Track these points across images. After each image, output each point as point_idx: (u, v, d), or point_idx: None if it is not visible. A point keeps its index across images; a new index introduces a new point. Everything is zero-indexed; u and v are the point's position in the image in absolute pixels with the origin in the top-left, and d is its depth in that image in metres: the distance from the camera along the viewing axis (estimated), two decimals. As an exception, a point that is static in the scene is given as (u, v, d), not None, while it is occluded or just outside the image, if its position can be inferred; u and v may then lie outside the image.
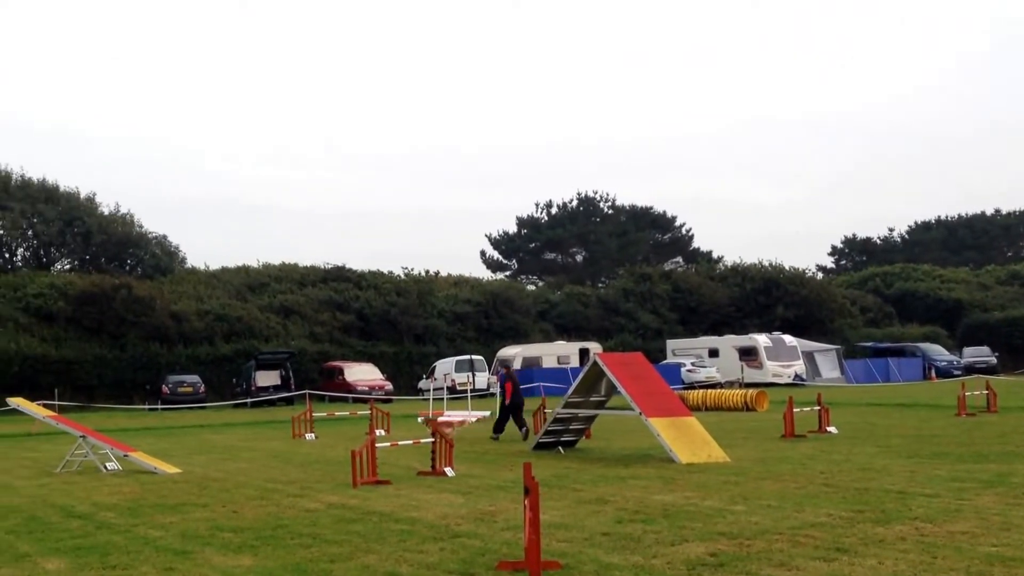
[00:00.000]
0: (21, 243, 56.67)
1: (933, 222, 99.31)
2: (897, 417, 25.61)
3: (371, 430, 16.74)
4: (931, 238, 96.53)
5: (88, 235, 56.15)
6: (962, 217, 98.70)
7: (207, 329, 47.10)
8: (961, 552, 8.31)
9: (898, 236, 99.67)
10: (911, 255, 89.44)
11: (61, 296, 44.99)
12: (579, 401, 18.22)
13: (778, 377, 46.90)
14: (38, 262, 55.80)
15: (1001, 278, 74.96)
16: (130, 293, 45.09)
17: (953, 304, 68.07)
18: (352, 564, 8.46)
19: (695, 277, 65.14)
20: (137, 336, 44.71)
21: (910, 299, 69.40)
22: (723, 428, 21.36)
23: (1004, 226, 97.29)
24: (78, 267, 55.11)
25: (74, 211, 56.32)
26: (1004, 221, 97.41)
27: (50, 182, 57.36)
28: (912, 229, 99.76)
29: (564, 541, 9.18)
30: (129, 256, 58.74)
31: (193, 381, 41.94)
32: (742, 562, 8.13)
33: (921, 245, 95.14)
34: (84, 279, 46.99)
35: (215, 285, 53.21)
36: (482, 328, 54.93)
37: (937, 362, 54.54)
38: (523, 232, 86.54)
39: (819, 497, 11.57)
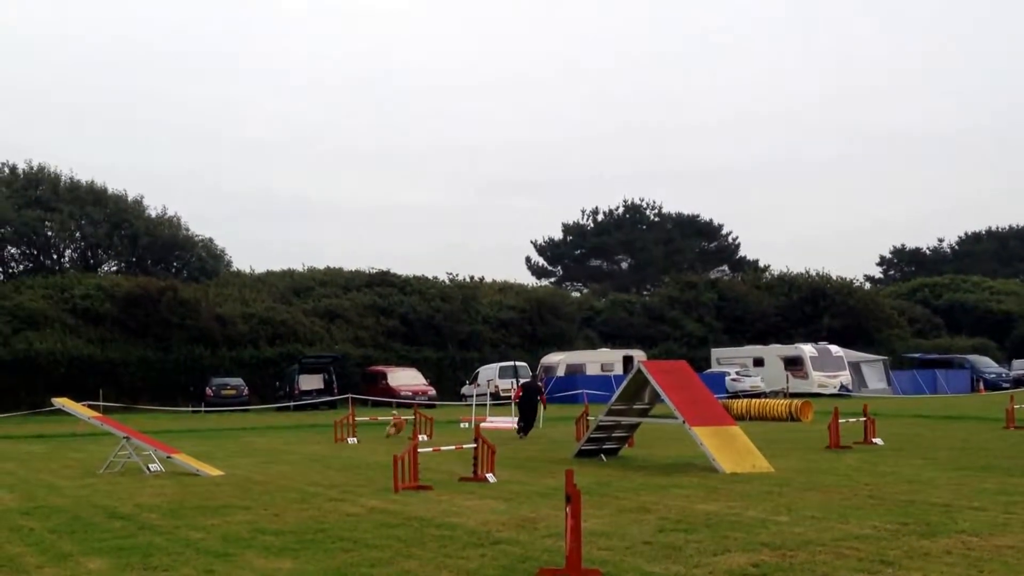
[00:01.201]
0: (69, 245, 57.63)
1: (983, 233, 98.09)
2: (944, 429, 25.24)
3: (414, 435, 16.79)
4: (981, 249, 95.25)
5: (135, 237, 56.97)
6: (1013, 228, 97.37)
7: (251, 332, 47.54)
8: (1008, 567, 8.17)
9: (947, 247, 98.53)
10: (961, 266, 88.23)
11: (107, 298, 45.66)
12: (622, 408, 18.14)
13: (824, 387, 46.42)
14: (85, 264, 56.70)
15: (1051, 290, 73.78)
16: (175, 295, 45.66)
17: (1003, 316, 67.13)
18: (392, 569, 8.48)
19: (741, 286, 64.74)
20: (182, 338, 45.24)
21: (959, 310, 68.49)
22: (767, 438, 21.15)
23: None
24: (125, 269, 55.92)
25: (122, 213, 57.15)
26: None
27: (98, 184, 58.24)
28: (962, 240, 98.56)
29: (605, 549, 9.14)
30: (175, 259, 59.52)
31: (237, 384, 42.35)
32: (784, 573, 8.07)
33: (971, 256, 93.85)
34: (130, 281, 47.67)
35: (260, 288, 53.71)
36: (526, 334, 54.93)
37: (986, 374, 53.74)
38: (569, 239, 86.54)
39: (864, 509, 11.42)
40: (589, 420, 20.59)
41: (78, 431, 26.89)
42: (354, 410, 26.22)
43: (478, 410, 30.35)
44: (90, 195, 57.03)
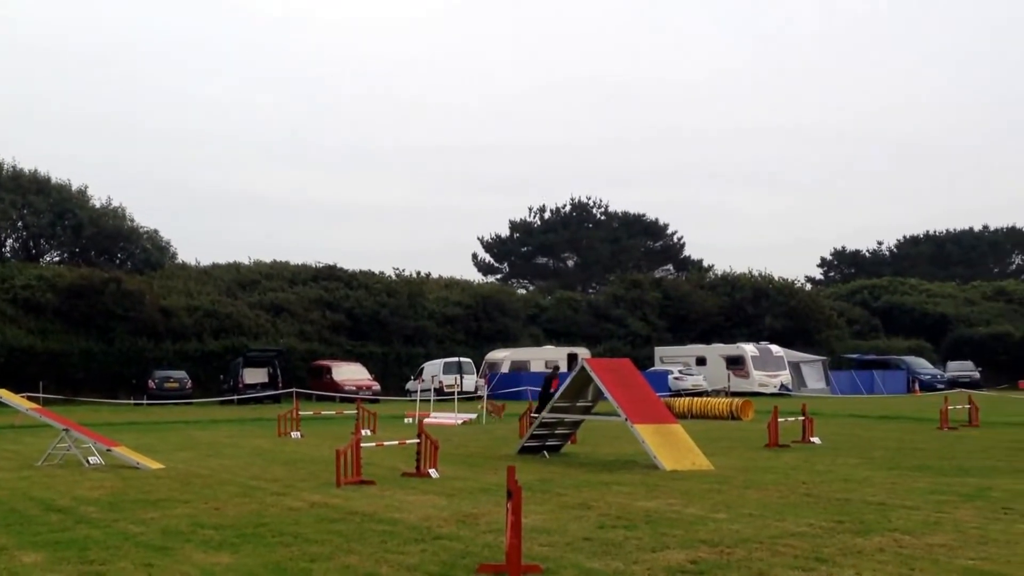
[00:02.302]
0: (11, 234, 56.54)
1: (922, 236, 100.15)
2: (880, 429, 25.74)
3: (357, 430, 16.72)
4: (919, 252, 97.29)
5: (79, 228, 56.04)
6: (950, 232, 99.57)
7: (196, 325, 47.03)
8: (938, 565, 8.36)
9: (887, 249, 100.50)
10: (899, 268, 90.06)
11: (49, 288, 44.86)
12: (566, 406, 18.25)
13: (764, 387, 47.04)
14: (27, 254, 55.65)
15: (987, 294, 75.53)
16: (119, 287, 45.00)
17: (939, 318, 68.54)
18: (332, 564, 8.46)
19: (685, 285, 65.36)
20: (125, 330, 44.61)
21: (897, 312, 69.85)
22: (708, 436, 21.41)
23: (991, 242, 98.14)
24: (68, 260, 55.01)
25: (65, 203, 56.21)
26: (992, 237, 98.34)
27: (42, 174, 57.24)
28: (901, 243, 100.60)
29: (546, 545, 9.20)
30: (120, 250, 58.66)
31: (180, 377, 41.86)
32: (721, 570, 8.16)
33: (909, 259, 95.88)
34: (73, 272, 46.88)
35: (205, 281, 53.16)
36: (471, 331, 54.97)
37: (921, 375, 54.88)
38: (515, 236, 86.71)
39: (800, 507, 11.62)
40: (533, 417, 20.68)
41: (16, 423, 26.40)
42: (298, 404, 26.04)
43: (422, 406, 30.33)
44: (33, 184, 56.01)
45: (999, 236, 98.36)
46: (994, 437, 22.41)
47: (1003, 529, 10.08)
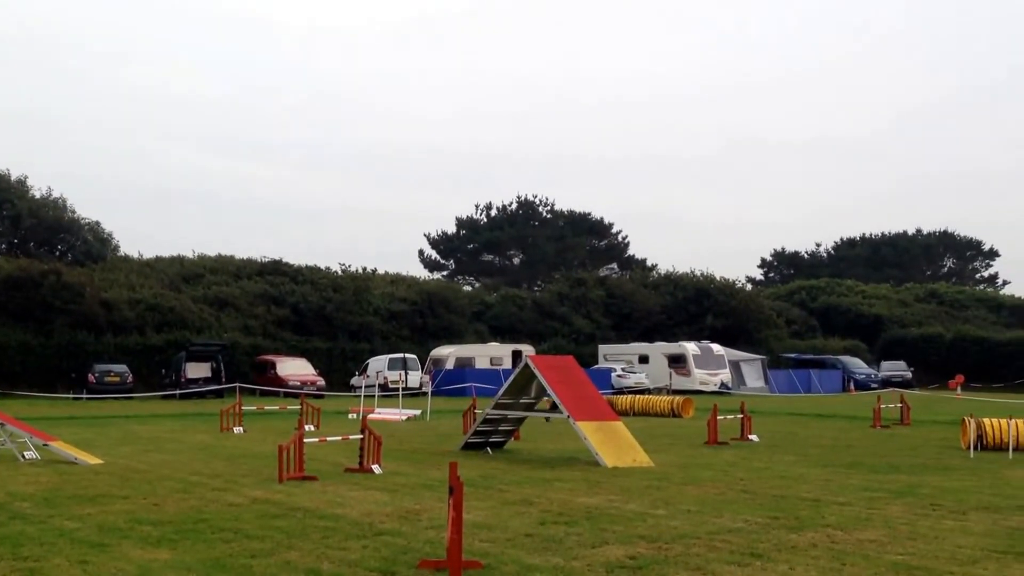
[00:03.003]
0: (-54, 225, 55.33)
1: (858, 239, 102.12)
2: (816, 427, 26.23)
3: (300, 425, 16.65)
4: (855, 255, 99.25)
5: (17, 218, 54.93)
6: (885, 235, 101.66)
7: (138, 318, 46.35)
8: (868, 560, 8.59)
9: (824, 251, 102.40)
10: (836, 270, 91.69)
11: (-14, 280, 43.89)
12: (509, 402, 18.36)
13: (705, 385, 47.56)
14: (-36, 245, 54.48)
15: (919, 296, 77.19)
16: (59, 279, 44.20)
17: (873, 319, 69.83)
18: (273, 560, 8.45)
19: (629, 284, 65.80)
20: (64, 323, 43.82)
21: (833, 313, 71.07)
22: (649, 433, 21.67)
23: (924, 246, 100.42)
24: (6, 251, 53.79)
25: (3, 193, 55.03)
26: (925, 241, 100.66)
27: (-22, 164, 56.00)
28: (838, 245, 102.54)
29: (487, 541, 9.28)
30: (60, 241, 57.60)
31: (121, 371, 41.25)
32: (659, 565, 8.30)
33: (846, 261, 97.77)
34: (11, 263, 45.92)
35: (148, 274, 52.40)
36: (417, 327, 54.85)
37: (856, 375, 55.90)
38: (462, 233, 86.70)
39: (737, 503, 11.84)
40: (476, 413, 20.76)
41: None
42: (241, 399, 25.84)
43: (367, 401, 30.27)
44: (-31, 174, 54.83)
45: (932, 240, 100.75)
46: (924, 435, 22.99)
47: (931, 525, 10.38)
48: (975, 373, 57.57)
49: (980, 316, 73.04)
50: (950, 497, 12.47)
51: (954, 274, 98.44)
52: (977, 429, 18.90)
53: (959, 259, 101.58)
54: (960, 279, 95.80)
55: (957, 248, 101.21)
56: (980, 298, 79.85)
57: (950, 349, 63.79)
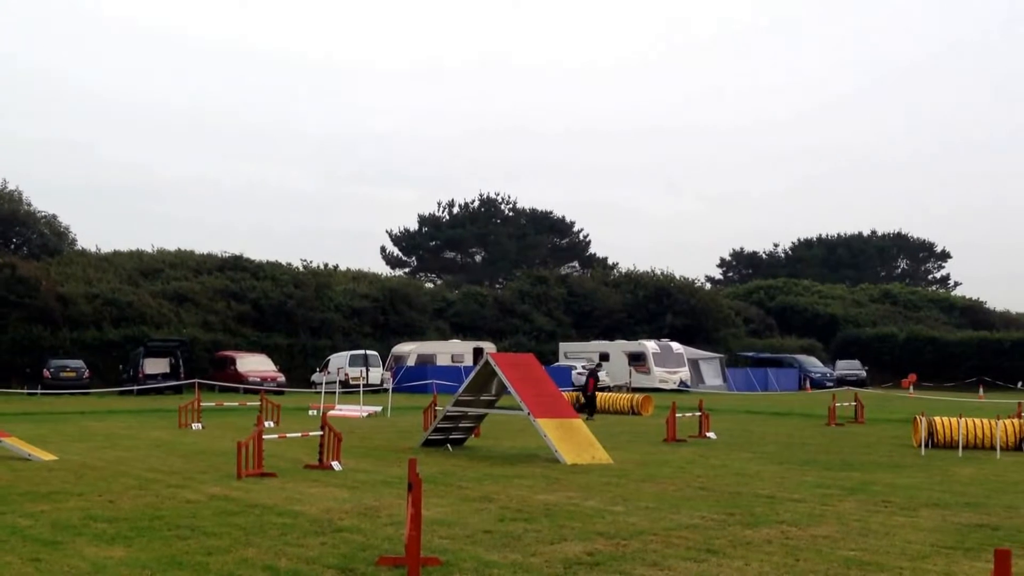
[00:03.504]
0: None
1: (815, 240, 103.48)
2: (772, 425, 26.53)
3: (259, 421, 16.58)
4: (812, 255, 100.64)
5: (-29, 212, 54.14)
6: (841, 236, 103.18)
7: (95, 313, 45.82)
8: (821, 555, 8.73)
9: (782, 252, 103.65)
10: (793, 270, 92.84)
11: (-61, 273, 43.18)
12: (469, 399, 18.39)
13: (664, 383, 47.87)
14: (-85, 238, 53.57)
15: (874, 296, 78.36)
16: (14, 273, 43.59)
17: (829, 319, 70.79)
18: (230, 557, 8.42)
19: (590, 282, 66.04)
20: (19, 318, 43.21)
21: (790, 312, 71.94)
22: (609, 431, 21.80)
23: (879, 247, 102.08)
24: (-42, 244, 53.08)
25: (-43, 186, 54.22)
26: (879, 243, 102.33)
27: (-68, 155, 55.18)
28: (795, 246, 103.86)
29: (446, 538, 9.31)
30: (15, 234, 56.84)
31: (77, 366, 40.75)
32: (617, 562, 8.38)
33: (803, 261, 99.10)
34: (-36, 257, 45.26)
35: (106, 269, 51.80)
36: (378, 324, 54.70)
37: (812, 374, 56.58)
38: (424, 230, 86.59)
39: (694, 500, 11.98)
40: (437, 410, 20.78)
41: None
42: (200, 395, 25.66)
43: (327, 398, 30.17)
44: (-79, 166, 54.00)
45: (886, 241, 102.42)
46: (877, 433, 23.35)
47: (882, 521, 10.57)
48: (927, 372, 58.53)
49: (932, 316, 74.30)
50: (901, 494, 12.70)
51: (907, 275, 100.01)
52: (928, 427, 19.24)
53: (912, 260, 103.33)
54: (913, 280, 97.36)
55: (910, 250, 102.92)
56: (932, 299, 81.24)
57: (903, 349, 64.75)
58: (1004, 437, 18.71)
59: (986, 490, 13.27)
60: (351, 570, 8.00)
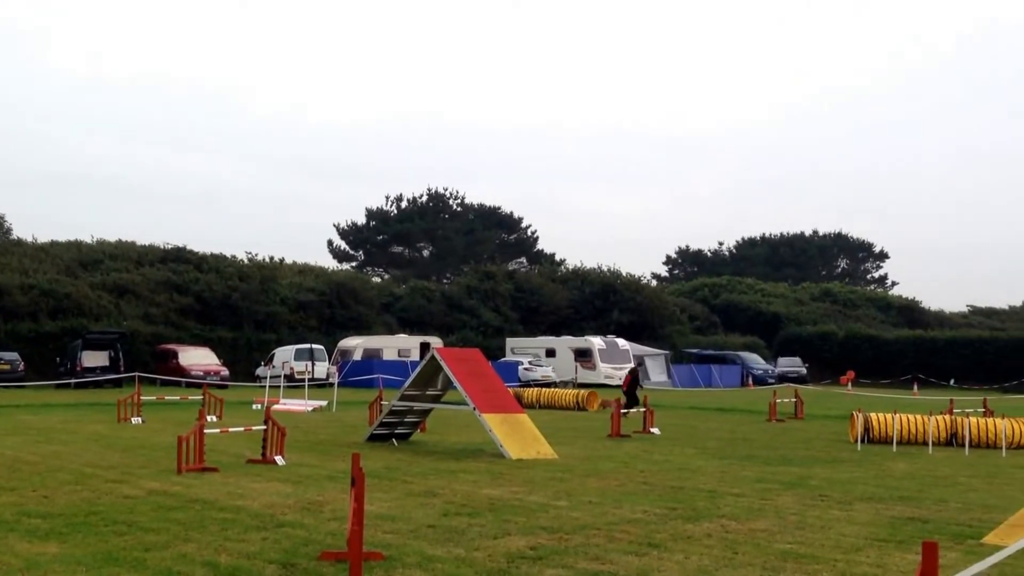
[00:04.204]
0: None
1: (758, 239, 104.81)
2: (715, 421, 26.86)
3: (201, 415, 16.38)
4: (756, 254, 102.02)
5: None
6: (784, 236, 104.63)
7: (31, 304, 44.93)
8: (759, 548, 8.87)
9: (727, 250, 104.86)
10: (737, 268, 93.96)
11: None
12: (415, 394, 18.38)
13: (610, 379, 48.14)
14: None
15: (815, 295, 79.66)
16: (-54, 263, 42.64)
17: (772, 316, 71.85)
18: (168, 553, 8.32)
19: (537, 278, 66.23)
20: (-48, 309, 42.31)
21: (734, 310, 72.89)
22: (554, 426, 21.91)
23: (820, 247, 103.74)
24: None
25: None
26: (820, 242, 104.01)
27: None
28: (739, 244, 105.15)
29: (390, 532, 9.30)
30: (-53, 224, 55.61)
31: (11, 358, 39.90)
32: (559, 555, 8.43)
33: (747, 260, 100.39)
34: None
35: (43, 259, 50.84)
36: (325, 318, 54.39)
37: (754, 370, 57.37)
38: (372, 224, 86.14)
39: (637, 495, 12.09)
40: (383, 405, 20.73)
41: None
42: (140, 389, 25.31)
43: (272, 392, 29.93)
44: None
45: (827, 241, 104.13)
46: (816, 429, 23.77)
47: (819, 515, 10.76)
48: (865, 370, 59.68)
49: (870, 315, 75.73)
50: (837, 488, 12.94)
51: (847, 274, 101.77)
52: (864, 423, 19.62)
53: (852, 260, 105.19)
54: (853, 279, 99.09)
55: (850, 250, 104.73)
56: (871, 298, 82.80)
57: (842, 346, 65.91)
58: (936, 433, 19.14)
59: (918, 484, 13.58)
60: (293, 565, 7.95)
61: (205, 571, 7.74)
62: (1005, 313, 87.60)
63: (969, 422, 19.13)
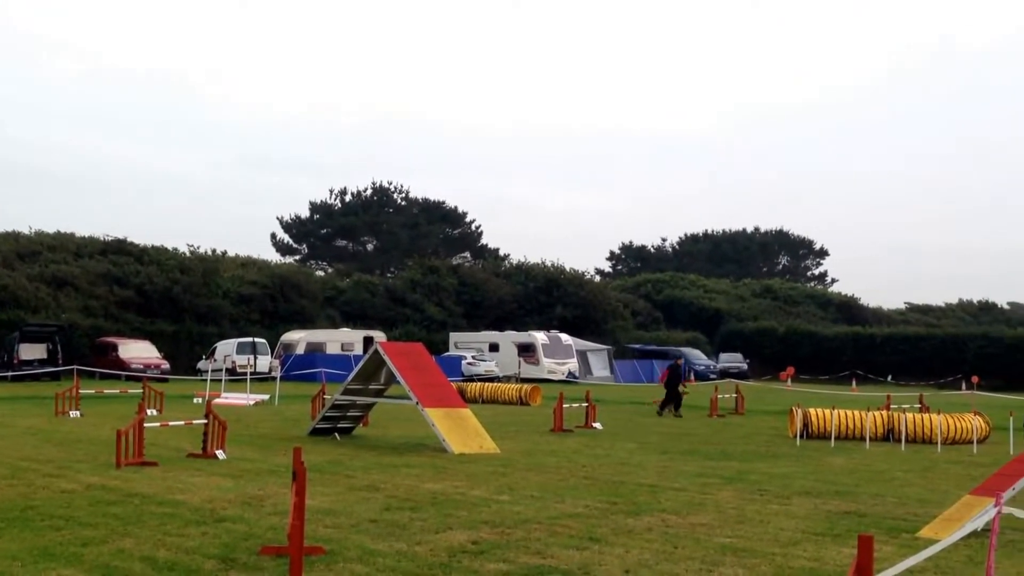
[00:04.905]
0: None
1: (701, 235, 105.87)
2: (657, 416, 27.04)
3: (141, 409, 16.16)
4: (698, 250, 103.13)
5: None
6: (726, 232, 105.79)
7: (-35, 296, 44.01)
8: (699, 542, 8.99)
9: (669, 246, 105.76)
10: (680, 265, 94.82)
11: None
12: (358, 388, 18.32)
13: (553, 374, 48.37)
14: None
15: (756, 291, 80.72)
16: None
17: (713, 312, 72.65)
18: (106, 548, 8.22)
19: (481, 272, 66.28)
20: None
21: (676, 306, 73.58)
22: (497, 421, 21.95)
23: (761, 243, 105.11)
24: None
25: None
26: (762, 239, 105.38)
27: None
28: (682, 240, 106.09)
29: (331, 527, 9.27)
30: None
31: (-55, 352, 39.09)
32: (501, 550, 8.46)
33: (689, 256, 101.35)
34: None
35: (-22, 250, 49.76)
36: (267, 311, 53.96)
37: (696, 366, 57.95)
38: (315, 217, 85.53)
39: (579, 489, 12.17)
40: (326, 399, 20.62)
41: None
42: (79, 382, 24.89)
43: (213, 385, 29.63)
44: None
45: (768, 238, 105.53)
46: (756, 424, 24.11)
47: (758, 509, 10.93)
48: (805, 366, 60.57)
49: (810, 312, 76.92)
50: (776, 483, 13.14)
51: (788, 271, 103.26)
52: (803, 418, 19.94)
53: (792, 257, 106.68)
54: (793, 276, 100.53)
55: (791, 247, 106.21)
56: (810, 295, 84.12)
57: (782, 342, 66.85)
58: (873, 428, 19.50)
59: (855, 479, 13.83)
60: (232, 560, 7.89)
61: (143, 566, 7.65)
62: (941, 310, 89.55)
63: (906, 418, 19.52)
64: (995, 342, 60.19)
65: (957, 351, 60.20)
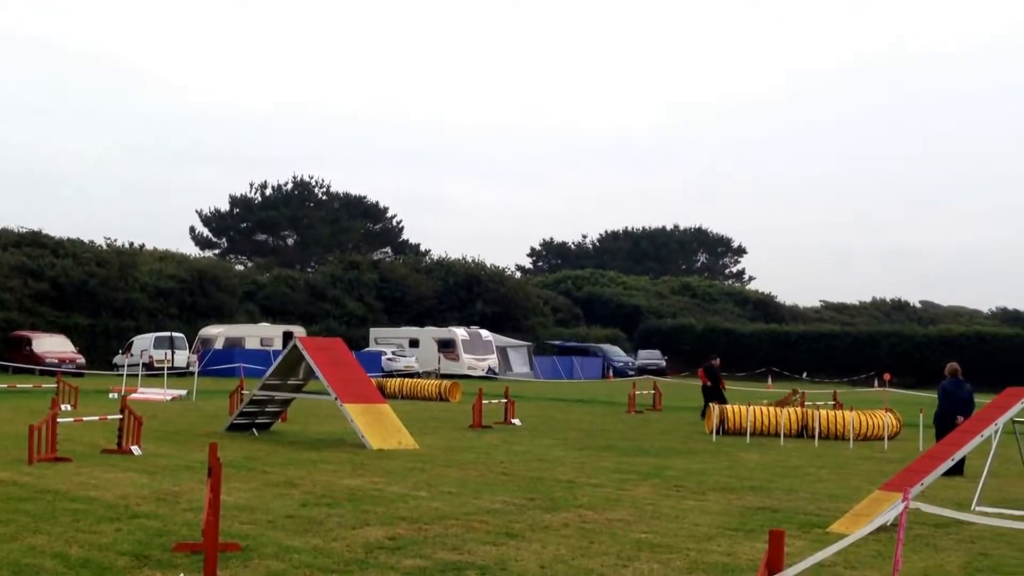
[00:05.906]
0: None
1: (620, 232, 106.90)
2: (576, 412, 27.37)
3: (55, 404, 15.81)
4: (618, 247, 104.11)
5: None
6: (645, 230, 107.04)
7: None
8: (615, 537, 9.14)
9: (590, 243, 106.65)
10: (600, 261, 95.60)
11: None
12: (277, 384, 18.19)
13: (472, 370, 48.42)
14: None
15: (674, 288, 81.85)
16: None
17: (633, 309, 73.35)
18: (16, 545, 8.10)
19: (402, 268, 66.00)
20: None
21: (596, 302, 74.11)
22: (416, 416, 21.96)
23: (680, 241, 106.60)
24: None
25: None
26: (681, 237, 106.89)
27: None
28: (602, 237, 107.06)
29: (247, 523, 9.23)
30: None
31: None
32: (418, 546, 8.51)
33: (609, 253, 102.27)
34: None
35: None
36: (186, 305, 53.11)
37: (615, 362, 58.53)
38: (235, 211, 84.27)
39: (496, 485, 12.28)
40: (244, 394, 20.42)
41: None
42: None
43: (130, 380, 29.11)
44: None
45: (687, 236, 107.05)
46: (673, 420, 24.51)
47: (673, 505, 11.14)
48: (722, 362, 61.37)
49: (728, 309, 78.21)
50: (692, 479, 13.40)
51: (706, 269, 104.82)
52: (720, 415, 20.34)
53: (711, 255, 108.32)
54: (711, 274, 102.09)
55: (709, 245, 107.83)
56: (728, 292, 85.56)
57: (700, 339, 67.71)
58: (788, 424, 19.98)
59: (769, 475, 14.17)
60: (146, 557, 7.83)
61: (55, 563, 7.55)
62: (855, 308, 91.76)
63: (819, 415, 20.00)
64: (907, 340, 61.87)
65: (870, 349, 61.71)
